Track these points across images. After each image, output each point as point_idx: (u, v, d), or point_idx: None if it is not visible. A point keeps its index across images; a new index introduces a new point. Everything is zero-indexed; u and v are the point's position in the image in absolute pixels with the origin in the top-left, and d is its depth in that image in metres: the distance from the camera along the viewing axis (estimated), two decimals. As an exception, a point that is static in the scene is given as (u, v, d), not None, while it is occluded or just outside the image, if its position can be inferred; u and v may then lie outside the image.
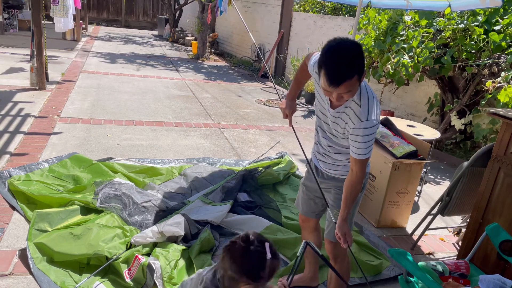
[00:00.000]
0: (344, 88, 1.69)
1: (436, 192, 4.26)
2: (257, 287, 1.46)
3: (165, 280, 2.32)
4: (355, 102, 1.82)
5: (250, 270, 1.43)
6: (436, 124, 5.90)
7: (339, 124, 1.90)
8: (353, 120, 1.82)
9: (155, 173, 3.75)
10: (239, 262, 1.45)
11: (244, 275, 1.43)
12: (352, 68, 1.67)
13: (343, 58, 1.66)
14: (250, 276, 1.43)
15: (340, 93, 1.72)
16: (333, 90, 1.71)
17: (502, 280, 1.90)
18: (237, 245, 1.47)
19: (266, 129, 5.81)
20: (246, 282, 1.44)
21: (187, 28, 16.94)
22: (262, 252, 1.44)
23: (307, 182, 2.31)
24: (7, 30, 11.79)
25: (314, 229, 2.41)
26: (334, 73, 1.66)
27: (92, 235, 2.62)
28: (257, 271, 1.43)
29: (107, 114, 5.59)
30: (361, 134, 1.80)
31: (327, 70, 1.68)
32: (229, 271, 1.46)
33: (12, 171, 3.42)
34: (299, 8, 10.40)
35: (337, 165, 2.07)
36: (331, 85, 1.69)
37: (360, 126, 1.79)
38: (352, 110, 1.83)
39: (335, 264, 2.17)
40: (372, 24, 6.06)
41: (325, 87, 1.73)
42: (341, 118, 1.88)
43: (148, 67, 9.66)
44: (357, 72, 1.68)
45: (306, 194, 2.33)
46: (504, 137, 2.44)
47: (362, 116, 1.79)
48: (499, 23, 4.82)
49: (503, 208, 2.45)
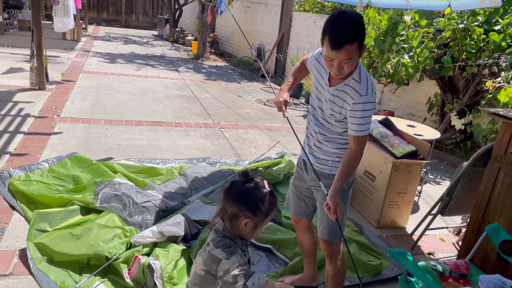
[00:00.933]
0: (345, 53, 1.74)
1: (436, 192, 4.25)
2: (256, 222, 1.50)
3: (165, 280, 2.32)
4: (355, 80, 1.88)
5: (249, 203, 1.49)
6: (436, 124, 5.90)
7: (337, 103, 1.93)
8: (353, 96, 1.86)
9: (155, 173, 3.75)
10: (239, 197, 1.50)
11: (244, 208, 1.48)
12: (354, 33, 1.73)
13: (346, 23, 1.74)
14: (250, 209, 1.48)
15: (341, 60, 1.77)
16: (334, 56, 1.76)
17: (502, 280, 1.90)
18: (237, 183, 1.53)
19: (266, 129, 5.81)
20: (245, 216, 1.49)
21: (187, 28, 16.94)
22: (261, 186, 1.51)
23: (296, 182, 2.30)
24: (7, 30, 11.80)
25: (307, 228, 2.41)
26: (336, 36, 1.73)
27: (92, 235, 2.62)
28: (257, 204, 1.49)
29: (107, 114, 5.59)
30: (361, 109, 1.84)
31: (330, 34, 1.74)
32: (229, 209, 1.50)
33: (12, 171, 3.42)
34: (299, 8, 10.41)
35: (327, 160, 2.07)
36: (333, 49, 1.74)
37: (360, 101, 1.84)
38: (351, 88, 1.88)
39: (330, 262, 2.17)
40: (372, 24, 6.06)
41: (327, 53, 1.78)
42: (339, 97, 1.91)
43: (148, 67, 9.67)
44: (357, 39, 1.74)
45: (296, 195, 2.32)
46: (504, 137, 2.44)
47: (362, 91, 1.85)
48: (499, 23, 4.82)
49: (503, 208, 2.45)
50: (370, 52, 5.93)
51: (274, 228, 3.00)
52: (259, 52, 11.25)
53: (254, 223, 1.51)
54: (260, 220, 1.51)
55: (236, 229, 1.52)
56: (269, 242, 2.86)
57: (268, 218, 1.53)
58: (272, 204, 1.52)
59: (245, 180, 1.52)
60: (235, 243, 1.52)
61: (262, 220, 1.51)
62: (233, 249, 1.50)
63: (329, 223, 2.09)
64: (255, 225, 1.51)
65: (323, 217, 2.11)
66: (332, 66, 1.82)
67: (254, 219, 1.49)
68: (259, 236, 2.87)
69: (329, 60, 1.81)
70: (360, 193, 3.61)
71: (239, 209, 1.49)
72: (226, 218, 1.53)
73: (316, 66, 2.07)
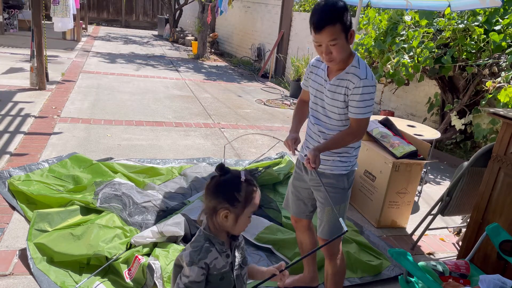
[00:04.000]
0: (328, 34, 1.81)
1: (436, 192, 4.25)
2: (236, 214, 1.48)
3: (165, 281, 2.32)
4: (354, 66, 1.94)
5: (225, 194, 1.48)
6: (436, 124, 5.90)
7: (339, 92, 1.96)
8: (353, 80, 1.91)
9: (155, 173, 3.75)
10: (216, 190, 1.50)
11: (222, 200, 1.48)
12: (333, 14, 1.81)
13: (326, 6, 1.84)
14: (227, 200, 1.47)
15: (326, 42, 1.83)
16: (319, 39, 1.84)
17: (502, 280, 1.90)
18: (214, 177, 1.52)
19: (266, 129, 5.81)
20: (223, 208, 1.48)
21: (187, 28, 16.94)
22: (237, 176, 1.50)
23: (296, 182, 2.30)
24: (7, 30, 11.80)
25: (307, 228, 2.40)
26: (317, 19, 1.83)
27: (92, 235, 2.62)
28: (232, 194, 1.47)
29: (107, 114, 5.59)
30: (360, 92, 1.89)
31: (312, 18, 1.85)
32: (209, 204, 1.50)
33: (12, 171, 3.42)
34: (299, 8, 10.40)
35: (327, 159, 2.07)
36: (316, 31, 1.83)
37: (359, 84, 1.89)
38: (352, 73, 1.93)
39: (330, 261, 2.17)
40: (372, 24, 6.06)
41: (314, 38, 1.87)
42: (341, 85, 1.95)
43: (148, 67, 9.66)
44: (339, 20, 1.81)
45: (295, 195, 2.32)
46: (504, 137, 2.44)
47: (362, 75, 1.90)
48: (499, 23, 4.82)
49: (503, 208, 2.45)
50: (370, 52, 5.93)
51: (274, 228, 3.00)
52: (259, 52, 11.25)
53: (234, 215, 1.48)
54: (240, 211, 1.48)
55: (218, 224, 1.50)
56: (269, 242, 2.86)
57: (249, 208, 1.50)
58: (249, 192, 1.49)
59: (221, 173, 1.50)
60: (212, 243, 1.50)
61: (242, 210, 1.48)
62: (196, 259, 1.46)
63: (329, 222, 2.09)
64: (236, 217, 1.48)
65: (323, 217, 2.11)
66: (322, 52, 1.88)
67: (233, 210, 1.47)
68: (259, 236, 2.88)
69: (318, 46, 1.88)
70: (360, 193, 3.61)
71: (217, 201, 1.48)
72: (208, 215, 1.52)
73: (313, 70, 2.13)
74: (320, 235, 2.15)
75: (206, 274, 1.48)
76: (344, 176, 2.08)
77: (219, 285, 1.51)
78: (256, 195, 1.52)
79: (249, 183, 1.50)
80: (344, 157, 2.06)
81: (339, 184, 2.07)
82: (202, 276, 1.46)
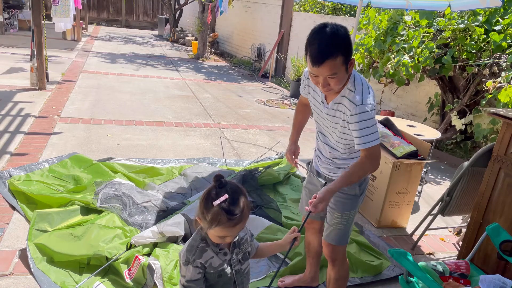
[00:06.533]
0: (328, 68, 1.65)
1: (437, 192, 4.25)
2: (205, 226, 1.45)
3: (165, 281, 2.32)
4: (349, 90, 1.78)
5: (201, 204, 1.45)
6: (436, 124, 5.90)
7: (339, 117, 1.84)
8: (349, 107, 1.76)
9: (155, 173, 3.75)
10: (202, 196, 1.48)
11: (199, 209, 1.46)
12: (335, 47, 1.63)
13: (327, 36, 1.64)
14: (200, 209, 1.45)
15: (325, 75, 1.68)
16: (317, 72, 1.69)
17: (503, 281, 1.90)
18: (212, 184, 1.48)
19: (266, 129, 5.80)
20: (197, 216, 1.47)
21: (187, 28, 16.94)
22: (213, 197, 1.43)
23: (309, 186, 2.28)
24: (7, 30, 11.80)
25: (318, 230, 2.39)
26: (316, 51, 1.64)
27: (92, 236, 2.62)
28: (203, 208, 1.43)
29: (107, 114, 5.59)
30: (357, 120, 1.73)
31: (311, 49, 1.66)
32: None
33: (12, 171, 3.42)
34: (299, 8, 10.41)
35: (338, 168, 2.04)
36: (314, 65, 1.66)
37: (355, 112, 1.73)
38: (347, 98, 1.78)
39: (333, 266, 2.15)
40: (373, 24, 6.06)
41: (310, 70, 1.70)
42: (338, 110, 1.83)
43: (148, 67, 9.67)
44: (341, 52, 1.64)
45: (309, 198, 2.31)
46: (504, 137, 2.44)
47: (357, 101, 1.74)
48: (500, 23, 4.81)
49: (504, 208, 2.45)
50: (371, 52, 5.93)
51: (274, 228, 3.00)
52: (260, 52, 11.25)
53: (204, 226, 1.46)
54: (207, 227, 1.44)
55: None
56: (269, 242, 2.86)
57: (216, 231, 1.43)
58: (215, 219, 1.40)
59: (215, 184, 1.45)
60: (208, 243, 1.50)
61: (208, 228, 1.44)
62: (190, 259, 1.47)
63: (337, 228, 2.07)
64: (207, 229, 1.45)
65: (332, 221, 2.08)
66: (318, 83, 1.73)
67: (203, 222, 1.45)
68: (259, 236, 2.87)
69: (314, 76, 1.73)
70: (360, 193, 3.61)
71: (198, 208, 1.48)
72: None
73: (309, 84, 1.99)
74: (326, 239, 2.12)
75: (203, 272, 1.48)
76: (356, 183, 2.01)
77: (218, 281, 1.52)
78: (225, 229, 1.42)
79: (226, 211, 1.40)
80: None
81: (350, 190, 2.02)
82: (198, 274, 1.47)
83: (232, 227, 1.43)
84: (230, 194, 1.43)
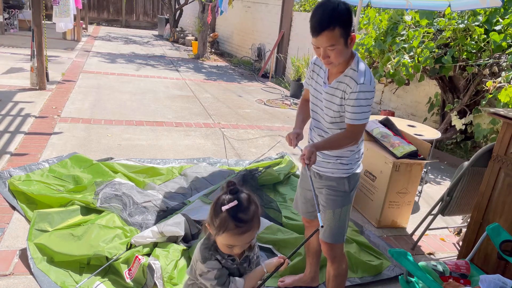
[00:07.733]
0: (326, 39, 1.75)
1: (437, 192, 4.25)
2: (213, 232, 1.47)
3: (165, 281, 2.32)
4: (353, 69, 1.88)
5: (211, 210, 1.47)
6: (436, 124, 5.90)
7: (337, 96, 1.91)
8: (350, 84, 1.86)
9: (155, 173, 3.75)
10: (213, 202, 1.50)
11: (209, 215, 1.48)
12: (333, 19, 1.73)
13: (326, 9, 1.75)
14: (209, 217, 1.47)
15: (324, 46, 1.78)
16: (317, 43, 1.80)
17: (503, 280, 1.90)
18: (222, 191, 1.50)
19: (266, 129, 5.80)
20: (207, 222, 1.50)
21: (188, 28, 16.94)
22: (221, 204, 1.45)
23: (302, 184, 2.30)
24: (7, 30, 11.80)
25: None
26: (316, 22, 1.76)
27: (93, 236, 2.62)
28: (212, 215, 1.45)
29: (108, 114, 5.59)
30: (355, 98, 1.83)
31: (311, 21, 1.78)
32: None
33: (12, 171, 3.42)
34: (300, 8, 10.40)
35: (328, 162, 2.06)
36: (314, 35, 1.78)
37: (356, 89, 1.83)
38: (349, 77, 1.87)
39: (332, 264, 2.16)
40: (373, 24, 6.06)
41: (312, 42, 1.82)
42: (339, 89, 1.91)
43: (149, 67, 9.67)
44: (338, 24, 1.73)
45: (303, 197, 2.32)
46: (504, 137, 2.44)
47: (359, 79, 1.84)
48: (500, 23, 4.81)
49: (504, 208, 2.45)
50: (371, 52, 5.93)
51: (274, 228, 2.99)
52: (260, 52, 11.25)
53: (212, 232, 1.47)
54: (215, 233, 1.45)
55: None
56: (269, 242, 2.86)
57: (224, 238, 1.43)
58: (222, 225, 1.41)
59: (227, 191, 1.46)
60: (216, 250, 1.51)
61: (216, 234, 1.45)
62: (208, 255, 1.48)
63: (331, 226, 2.08)
64: (215, 235, 1.46)
65: (325, 220, 2.10)
66: (320, 55, 1.84)
67: (211, 228, 1.46)
68: (259, 236, 2.87)
69: (316, 48, 1.83)
70: (360, 193, 3.61)
71: (209, 213, 1.48)
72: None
73: (315, 69, 2.08)
74: (322, 238, 2.13)
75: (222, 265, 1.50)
76: (344, 179, 2.05)
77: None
78: (232, 236, 1.43)
79: (235, 218, 1.41)
80: (344, 160, 2.04)
81: (340, 187, 2.05)
82: (219, 264, 1.49)
83: (239, 235, 1.43)
84: (241, 201, 1.44)
